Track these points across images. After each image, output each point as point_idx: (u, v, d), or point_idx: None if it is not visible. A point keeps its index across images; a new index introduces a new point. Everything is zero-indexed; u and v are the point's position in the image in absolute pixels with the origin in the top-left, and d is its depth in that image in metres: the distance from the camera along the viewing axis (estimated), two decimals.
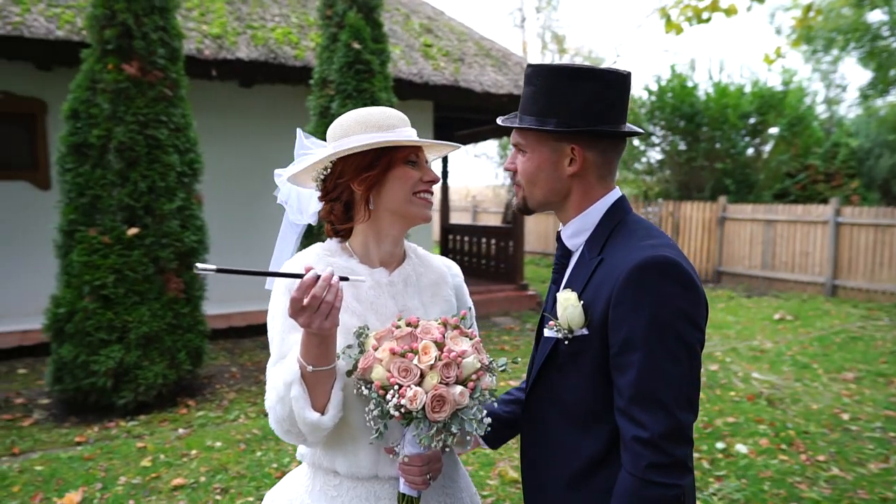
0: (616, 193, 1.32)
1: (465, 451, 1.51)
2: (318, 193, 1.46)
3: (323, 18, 6.19)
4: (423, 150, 1.44)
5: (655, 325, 1.11)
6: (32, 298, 6.30)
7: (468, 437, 1.16)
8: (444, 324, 1.24)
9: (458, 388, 1.16)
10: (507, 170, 1.37)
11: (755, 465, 3.96)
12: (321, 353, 1.19)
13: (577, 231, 1.32)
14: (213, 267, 1.08)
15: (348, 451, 1.32)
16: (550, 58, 25.75)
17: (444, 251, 12.65)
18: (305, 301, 1.12)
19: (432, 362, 1.15)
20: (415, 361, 1.16)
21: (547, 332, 1.27)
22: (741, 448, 4.20)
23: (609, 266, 1.22)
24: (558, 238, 1.38)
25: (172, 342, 4.95)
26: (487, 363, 1.23)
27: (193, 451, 4.09)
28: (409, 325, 1.23)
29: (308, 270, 1.14)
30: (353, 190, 1.39)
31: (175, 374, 4.97)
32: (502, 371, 1.23)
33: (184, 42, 6.52)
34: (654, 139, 15.16)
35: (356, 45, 5.66)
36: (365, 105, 5.64)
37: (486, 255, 10.76)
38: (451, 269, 1.57)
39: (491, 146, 23.64)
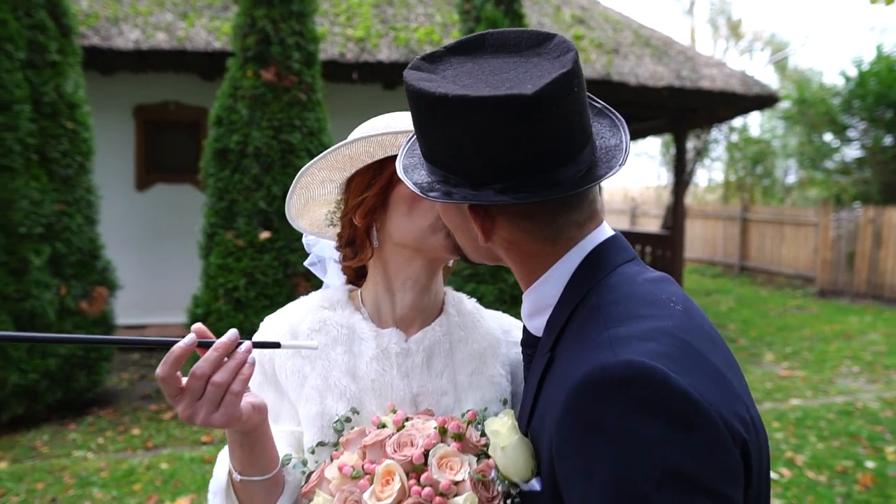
0: (589, 244, 0.79)
1: None
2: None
3: (461, 14, 5.94)
4: None
5: (622, 500, 0.60)
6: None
7: None
8: (442, 429, 0.79)
9: None
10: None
11: None
12: (245, 457, 0.83)
13: (534, 309, 0.83)
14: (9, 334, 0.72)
15: None
16: (724, 46, 23.38)
17: None
18: (183, 382, 0.76)
19: (392, 500, 0.72)
20: (366, 496, 0.73)
21: (493, 473, 0.79)
22: None
23: (558, 374, 0.71)
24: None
25: None
26: None
27: None
28: (400, 423, 0.80)
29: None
30: (355, 224, 1.01)
31: None
32: None
33: (327, 46, 6.62)
34: (852, 133, 13.02)
35: None
36: None
37: None
38: (511, 335, 1.08)
39: (653, 144, 22.11)
